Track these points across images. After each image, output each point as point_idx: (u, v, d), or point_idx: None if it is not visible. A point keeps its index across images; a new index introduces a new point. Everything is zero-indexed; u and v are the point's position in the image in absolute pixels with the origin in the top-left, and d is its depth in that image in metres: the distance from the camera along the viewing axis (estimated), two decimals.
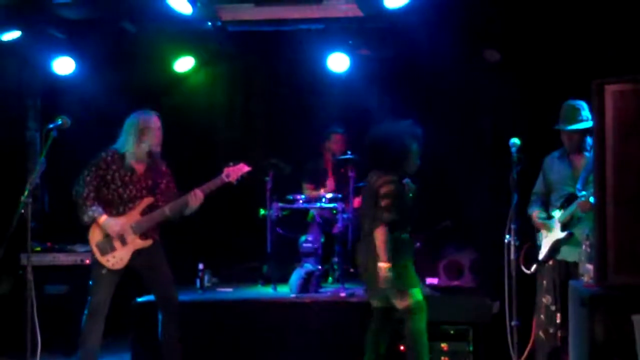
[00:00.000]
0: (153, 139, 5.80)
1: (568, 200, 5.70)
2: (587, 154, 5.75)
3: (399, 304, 5.53)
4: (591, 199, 5.44)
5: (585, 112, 5.71)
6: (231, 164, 5.93)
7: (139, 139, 5.74)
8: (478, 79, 7.76)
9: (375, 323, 5.75)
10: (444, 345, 6.35)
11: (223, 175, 5.88)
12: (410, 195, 5.66)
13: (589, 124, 5.65)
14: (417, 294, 5.56)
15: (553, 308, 5.76)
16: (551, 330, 5.77)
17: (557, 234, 5.76)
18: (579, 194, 5.60)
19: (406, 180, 5.70)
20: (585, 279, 4.72)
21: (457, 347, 6.35)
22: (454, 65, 7.79)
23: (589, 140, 5.72)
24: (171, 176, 5.98)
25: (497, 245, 5.74)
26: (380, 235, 5.40)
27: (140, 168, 5.80)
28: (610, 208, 4.21)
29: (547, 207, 5.97)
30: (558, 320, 5.70)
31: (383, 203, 5.42)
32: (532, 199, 6.05)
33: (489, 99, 7.87)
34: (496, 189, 6.59)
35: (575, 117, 5.71)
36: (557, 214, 5.78)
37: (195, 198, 5.77)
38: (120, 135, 5.82)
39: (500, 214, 5.80)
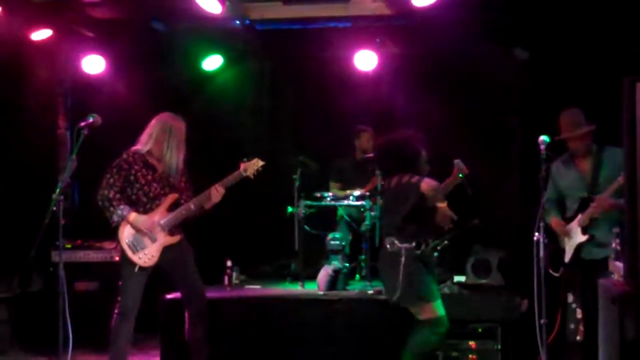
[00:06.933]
0: (178, 145, 5.83)
1: (583, 204, 5.81)
2: (590, 156, 5.91)
3: (421, 314, 5.66)
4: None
5: (583, 117, 5.90)
6: (245, 159, 5.94)
7: (163, 141, 5.78)
8: (507, 77, 7.72)
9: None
10: (472, 344, 6.33)
11: (241, 170, 5.90)
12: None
13: (590, 126, 5.88)
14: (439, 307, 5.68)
15: (574, 305, 5.84)
16: (572, 326, 5.84)
17: (579, 237, 5.83)
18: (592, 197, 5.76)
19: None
20: (616, 276, 4.69)
21: (485, 345, 6.33)
22: (482, 63, 7.76)
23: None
24: (187, 175, 6.02)
25: (526, 243, 5.71)
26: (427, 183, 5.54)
27: (160, 167, 5.84)
28: None
29: (563, 212, 6.05)
30: (579, 316, 5.77)
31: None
32: (546, 207, 5.93)
33: (518, 97, 7.83)
34: (525, 187, 6.56)
35: (580, 121, 5.87)
36: (576, 219, 5.86)
37: (217, 192, 5.80)
38: (143, 134, 5.85)
39: (528, 212, 5.78)
